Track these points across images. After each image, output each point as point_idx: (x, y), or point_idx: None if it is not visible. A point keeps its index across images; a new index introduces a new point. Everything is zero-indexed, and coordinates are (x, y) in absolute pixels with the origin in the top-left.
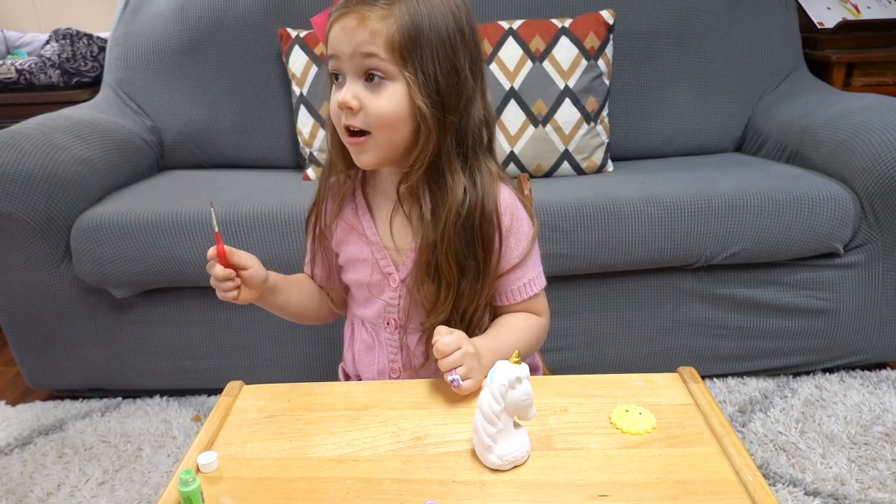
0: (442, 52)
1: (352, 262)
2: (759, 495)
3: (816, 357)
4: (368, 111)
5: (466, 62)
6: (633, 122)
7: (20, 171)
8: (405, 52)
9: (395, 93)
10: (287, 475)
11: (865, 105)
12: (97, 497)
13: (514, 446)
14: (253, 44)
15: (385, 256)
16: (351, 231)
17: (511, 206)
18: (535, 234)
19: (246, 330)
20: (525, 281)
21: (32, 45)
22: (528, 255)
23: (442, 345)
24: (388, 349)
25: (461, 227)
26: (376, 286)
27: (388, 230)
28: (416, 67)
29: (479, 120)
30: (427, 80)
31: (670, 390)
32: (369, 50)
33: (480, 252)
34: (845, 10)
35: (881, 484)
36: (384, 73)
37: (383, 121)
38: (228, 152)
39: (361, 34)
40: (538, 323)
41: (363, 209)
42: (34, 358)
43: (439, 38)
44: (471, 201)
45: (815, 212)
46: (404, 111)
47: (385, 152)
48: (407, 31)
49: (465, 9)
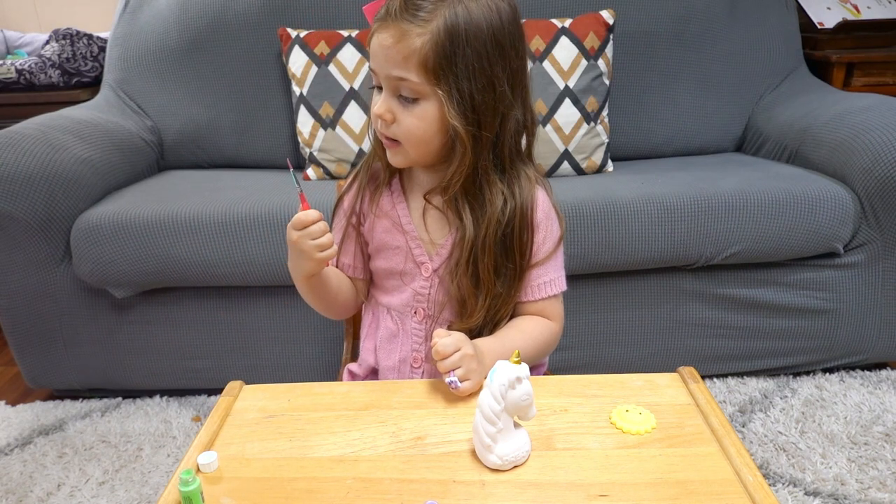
0: (478, 67)
1: (383, 250)
2: (759, 495)
3: (816, 357)
4: (400, 125)
5: (505, 75)
6: (633, 122)
7: (20, 171)
8: (439, 69)
9: (427, 111)
10: (287, 475)
11: (865, 105)
12: (97, 497)
13: (514, 446)
14: (253, 44)
15: (419, 245)
16: (385, 218)
17: (545, 204)
18: (561, 236)
19: (246, 330)
20: (546, 280)
21: (32, 45)
22: (552, 254)
23: (441, 346)
24: (413, 338)
25: (500, 234)
26: (408, 275)
27: (422, 221)
28: (450, 85)
29: (517, 128)
30: (462, 98)
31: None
32: (400, 75)
33: (517, 257)
34: (845, 10)
35: (881, 484)
36: (417, 93)
37: (414, 137)
38: (228, 152)
39: (396, 55)
40: (549, 328)
41: (399, 198)
42: (34, 358)
43: (476, 54)
44: (511, 209)
45: (815, 212)
46: (434, 128)
47: (416, 159)
48: (442, 47)
49: (509, 14)
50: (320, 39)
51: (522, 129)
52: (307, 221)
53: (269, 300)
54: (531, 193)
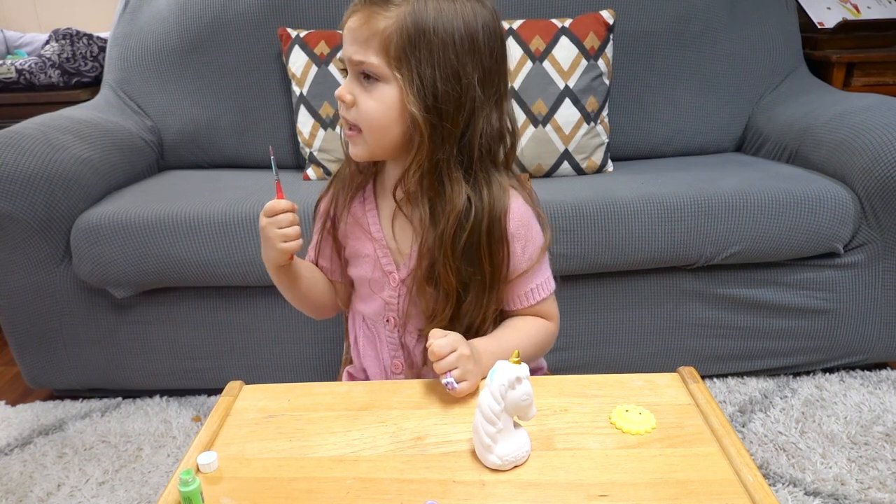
0: (444, 56)
1: (355, 257)
2: (759, 495)
3: (816, 357)
4: (359, 109)
5: (475, 71)
6: (633, 122)
7: (20, 171)
8: (401, 53)
9: (386, 95)
10: (287, 475)
11: (865, 105)
12: (97, 497)
13: (514, 446)
14: (253, 44)
15: (387, 255)
16: (356, 225)
17: (521, 213)
18: (546, 244)
19: (246, 330)
20: (533, 286)
21: (32, 45)
22: (536, 262)
23: (437, 347)
24: (388, 346)
25: (465, 241)
26: (377, 283)
27: (391, 230)
28: (411, 70)
29: (491, 132)
30: (423, 84)
31: (670, 390)
32: (362, 58)
33: (487, 267)
34: (845, 10)
35: (881, 484)
36: (378, 75)
37: (372, 121)
38: (228, 152)
39: (360, 37)
40: (545, 327)
41: (371, 205)
42: (34, 358)
43: (441, 42)
44: (476, 214)
45: (815, 212)
46: (393, 114)
47: (374, 150)
48: (407, 32)
49: (487, 17)
50: (320, 39)
51: (497, 136)
52: (277, 210)
53: (269, 300)
54: (503, 203)
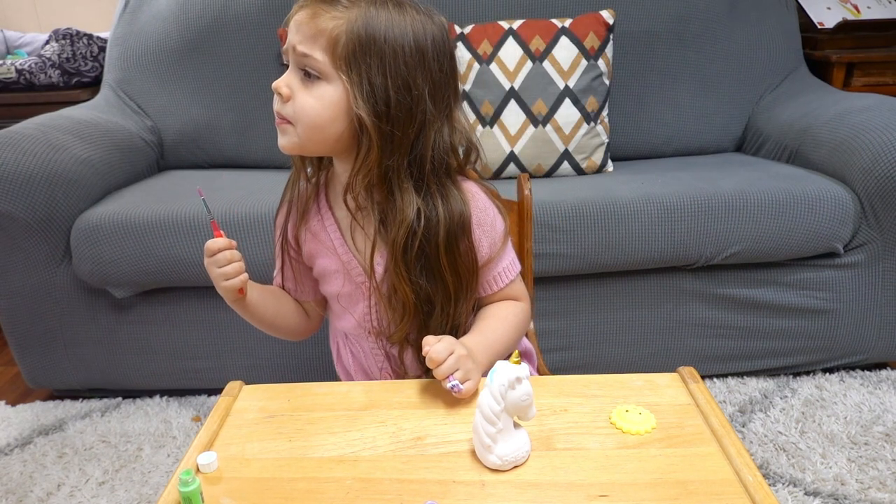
0: (395, 66)
1: (324, 275)
2: (759, 495)
3: (816, 357)
4: (295, 104)
5: (425, 85)
6: (633, 122)
7: (20, 171)
8: (350, 56)
9: (326, 94)
10: (287, 475)
11: (865, 105)
12: (97, 497)
13: (514, 446)
14: (253, 44)
15: (356, 266)
16: (317, 243)
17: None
18: (506, 229)
19: (246, 330)
20: (499, 270)
21: (32, 45)
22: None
23: (435, 353)
24: (375, 358)
25: (418, 253)
26: (349, 297)
27: (352, 240)
28: (361, 75)
29: (444, 147)
30: (373, 90)
31: (670, 390)
32: (305, 51)
33: (450, 277)
34: (845, 10)
35: (881, 484)
36: (320, 73)
37: (306, 117)
38: (228, 152)
39: (306, 31)
40: (519, 308)
41: (329, 219)
42: (34, 358)
43: (392, 52)
44: (429, 224)
45: (815, 212)
46: (330, 113)
47: (304, 144)
48: (356, 36)
49: (436, 32)
50: None
51: (450, 149)
52: (213, 249)
53: None
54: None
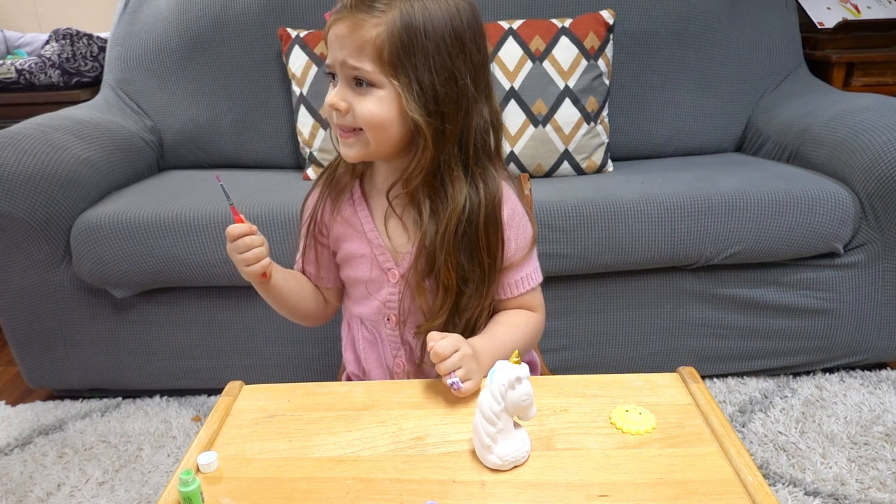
0: (438, 60)
1: (350, 259)
2: (759, 495)
3: (816, 357)
4: (356, 112)
5: (467, 70)
6: (633, 122)
7: (20, 171)
8: (396, 61)
9: (383, 98)
10: (287, 475)
11: (865, 105)
12: (97, 497)
13: (514, 446)
14: (253, 44)
15: (384, 252)
16: (349, 227)
17: (513, 203)
18: (534, 236)
19: (246, 330)
20: (522, 275)
21: (32, 45)
22: (526, 255)
23: (440, 348)
24: (391, 345)
25: (462, 234)
26: (375, 283)
27: (384, 228)
28: (409, 76)
29: (484, 126)
30: (423, 90)
31: (670, 390)
32: (354, 64)
33: (486, 258)
34: (845, 10)
35: (881, 484)
36: (371, 81)
37: (372, 121)
38: (228, 152)
39: (350, 44)
40: (534, 319)
41: (361, 206)
42: (34, 358)
43: (435, 47)
44: (473, 208)
45: (815, 212)
46: (391, 115)
47: (374, 149)
48: (399, 39)
49: (469, 12)
50: (320, 39)
51: (489, 127)
52: (234, 235)
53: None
54: (498, 191)
